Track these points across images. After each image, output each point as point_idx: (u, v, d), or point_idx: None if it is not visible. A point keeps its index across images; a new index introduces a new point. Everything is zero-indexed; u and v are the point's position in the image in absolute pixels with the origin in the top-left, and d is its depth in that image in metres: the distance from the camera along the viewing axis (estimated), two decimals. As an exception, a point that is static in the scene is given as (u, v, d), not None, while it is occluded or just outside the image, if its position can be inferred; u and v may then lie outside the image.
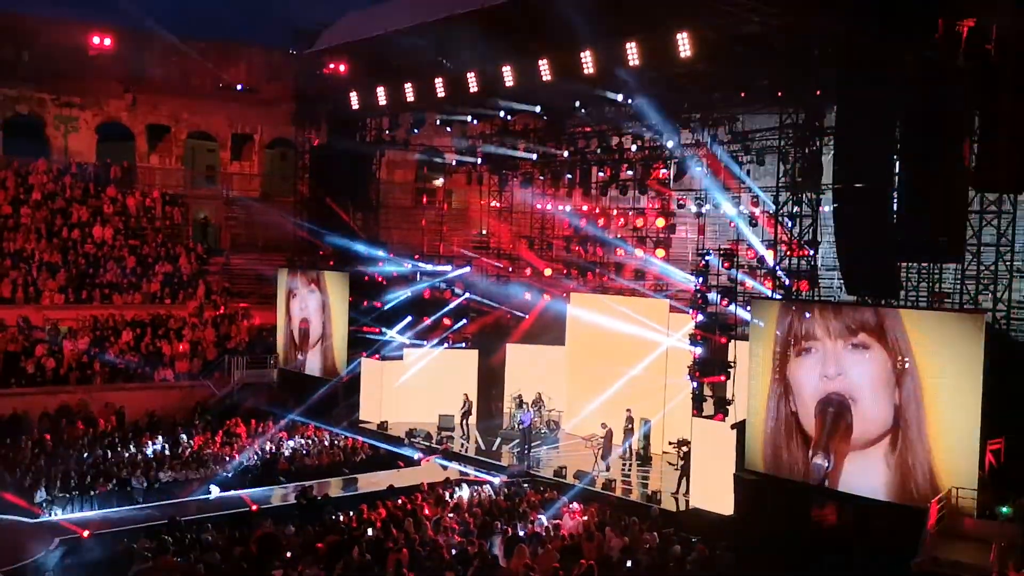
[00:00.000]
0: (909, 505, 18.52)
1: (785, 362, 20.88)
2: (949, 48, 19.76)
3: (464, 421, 30.30)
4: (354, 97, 33.29)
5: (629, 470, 26.76)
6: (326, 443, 29.26)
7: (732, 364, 22.82)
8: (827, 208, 23.14)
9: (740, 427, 21.93)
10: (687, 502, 23.10)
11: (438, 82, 29.75)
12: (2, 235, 36.44)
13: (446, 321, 33.60)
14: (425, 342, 32.82)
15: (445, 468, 27.07)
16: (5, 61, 40.35)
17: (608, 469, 26.06)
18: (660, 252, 30.95)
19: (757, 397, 21.43)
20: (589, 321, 30.78)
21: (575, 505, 21.93)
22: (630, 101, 28.09)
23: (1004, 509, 17.45)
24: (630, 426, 27.17)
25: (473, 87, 28.60)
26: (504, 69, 27.26)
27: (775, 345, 21.07)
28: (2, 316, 33.28)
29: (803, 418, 20.58)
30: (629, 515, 21.17)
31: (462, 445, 29.24)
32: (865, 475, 19.57)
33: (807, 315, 20.53)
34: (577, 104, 29.30)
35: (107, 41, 41.35)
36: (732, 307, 23.38)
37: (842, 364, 19.92)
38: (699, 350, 23.39)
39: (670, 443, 25.93)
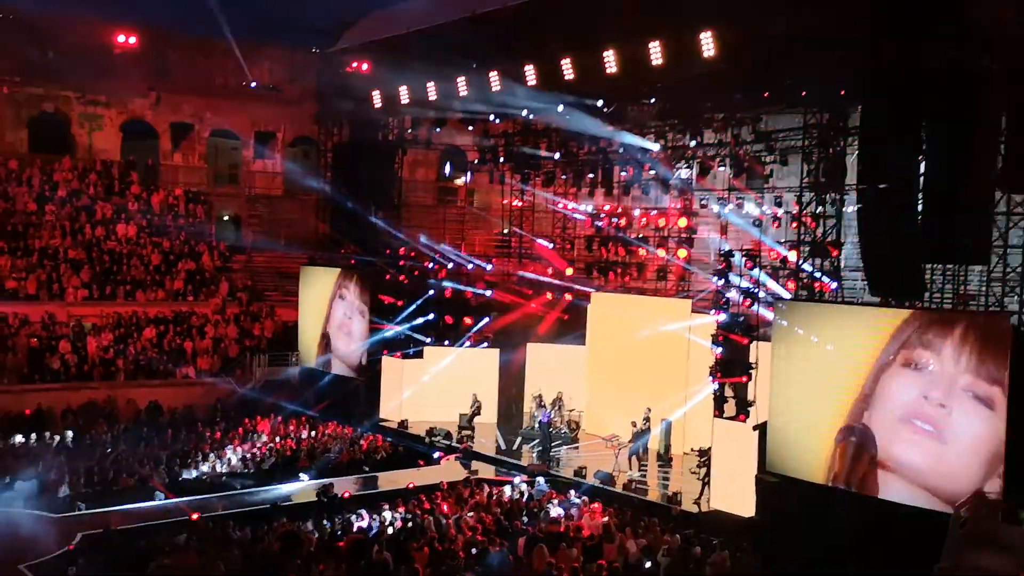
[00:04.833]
0: (933, 509, 18.38)
1: (881, 371, 19.40)
2: (976, 47, 19.59)
3: (470, 421, 30.21)
4: (376, 96, 33.32)
5: (646, 471, 26.61)
6: (347, 441, 29.29)
7: (754, 365, 22.72)
8: (851, 209, 22.99)
9: (762, 428, 21.82)
10: (708, 503, 23.02)
11: (460, 81, 29.75)
12: (27, 232, 36.71)
13: (467, 320, 33.59)
14: (446, 341, 32.85)
15: (466, 467, 27.06)
16: (30, 59, 40.59)
17: (631, 468, 25.98)
18: (682, 252, 30.83)
19: (781, 399, 21.28)
20: (610, 321, 30.73)
21: (591, 504, 21.88)
22: (653, 100, 28.01)
23: (1027, 515, 17.29)
24: (647, 425, 27.08)
25: (496, 86, 28.57)
26: (527, 68, 27.23)
27: (887, 350, 19.33)
28: (27, 312, 33.50)
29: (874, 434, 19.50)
30: (649, 516, 21.11)
31: (477, 443, 29.20)
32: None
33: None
34: (600, 103, 29.21)
35: (132, 40, 41.58)
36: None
37: (952, 401, 18.25)
38: (720, 351, 23.30)
39: (692, 449, 25.77)
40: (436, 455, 28.25)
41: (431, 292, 33.57)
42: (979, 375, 17.92)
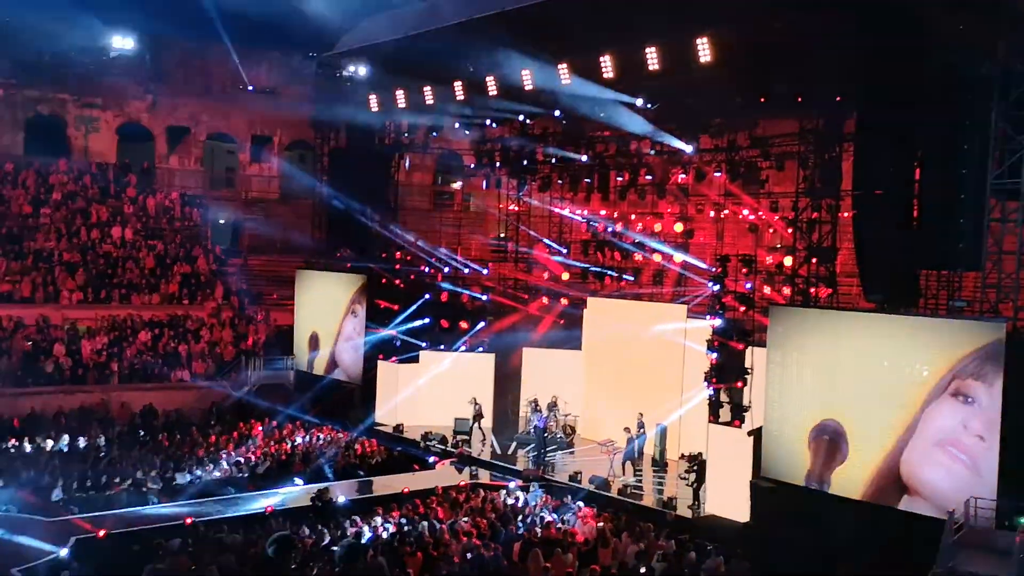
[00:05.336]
0: (927, 515, 18.37)
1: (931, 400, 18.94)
2: (972, 54, 19.63)
3: (476, 424, 30.21)
4: (373, 100, 33.33)
5: (641, 476, 26.59)
6: (342, 445, 29.24)
7: (749, 371, 22.72)
8: (846, 214, 23.02)
9: (757, 434, 21.81)
10: (702, 508, 23.00)
11: (457, 85, 29.77)
12: (22, 235, 36.63)
13: (463, 324, 33.56)
14: (442, 345, 32.84)
15: (460, 471, 27.03)
16: (27, 62, 40.58)
17: (625, 473, 26.02)
18: (678, 257, 30.83)
19: (777, 404, 21.27)
20: (606, 326, 30.71)
21: (585, 509, 21.86)
22: (649, 106, 28.04)
23: (1022, 520, 17.25)
24: (641, 431, 27.07)
25: (492, 90, 28.59)
26: (523, 72, 27.24)
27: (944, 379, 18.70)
28: (21, 315, 33.43)
29: (905, 464, 19.16)
30: (644, 521, 21.08)
31: (475, 449, 29.16)
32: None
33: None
34: (596, 108, 29.24)
35: (128, 43, 41.59)
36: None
37: (994, 435, 17.96)
38: (716, 356, 23.31)
39: (682, 456, 25.73)
40: (431, 459, 28.21)
41: (427, 296, 33.55)
42: None
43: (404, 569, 16.48)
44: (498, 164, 36.69)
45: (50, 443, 27.10)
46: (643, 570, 17.44)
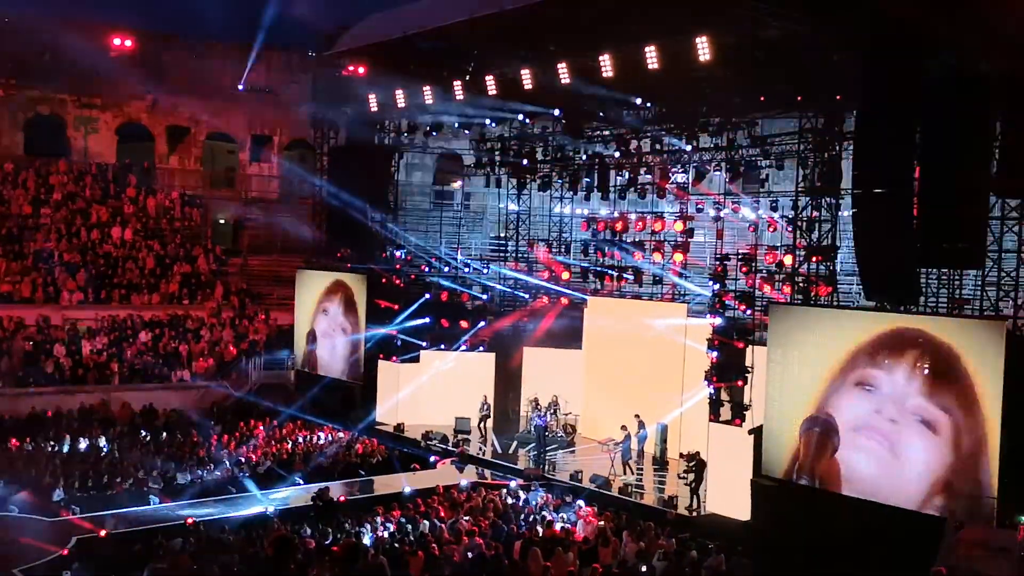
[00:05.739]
0: (928, 512, 18.40)
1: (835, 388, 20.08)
2: (973, 53, 19.63)
3: (482, 424, 30.28)
4: (373, 99, 33.32)
5: (642, 474, 26.62)
6: (342, 444, 29.27)
7: (750, 369, 22.72)
8: (846, 213, 23.02)
9: (757, 432, 21.82)
10: (704, 506, 23.02)
11: (457, 85, 29.76)
12: (23, 235, 36.66)
13: (463, 324, 33.54)
14: (442, 345, 32.82)
15: (461, 471, 27.02)
16: (27, 62, 40.57)
17: (625, 472, 26.03)
18: (678, 257, 30.80)
19: (777, 403, 21.28)
20: (606, 325, 30.73)
21: (586, 508, 21.88)
22: (649, 105, 28.02)
23: (1023, 518, 17.27)
24: (641, 430, 27.07)
25: (492, 90, 28.59)
26: (523, 72, 27.24)
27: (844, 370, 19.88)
28: (22, 315, 33.46)
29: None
30: (645, 519, 21.11)
31: (479, 449, 29.20)
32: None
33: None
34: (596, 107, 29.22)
35: (128, 43, 41.58)
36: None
37: (903, 419, 18.88)
38: (716, 355, 23.31)
39: (681, 455, 25.73)
40: (432, 459, 28.21)
41: (427, 296, 33.53)
42: (930, 399, 18.47)
43: (405, 568, 16.49)
44: (498, 163, 36.65)
45: (51, 443, 27.11)
46: (644, 569, 17.47)
